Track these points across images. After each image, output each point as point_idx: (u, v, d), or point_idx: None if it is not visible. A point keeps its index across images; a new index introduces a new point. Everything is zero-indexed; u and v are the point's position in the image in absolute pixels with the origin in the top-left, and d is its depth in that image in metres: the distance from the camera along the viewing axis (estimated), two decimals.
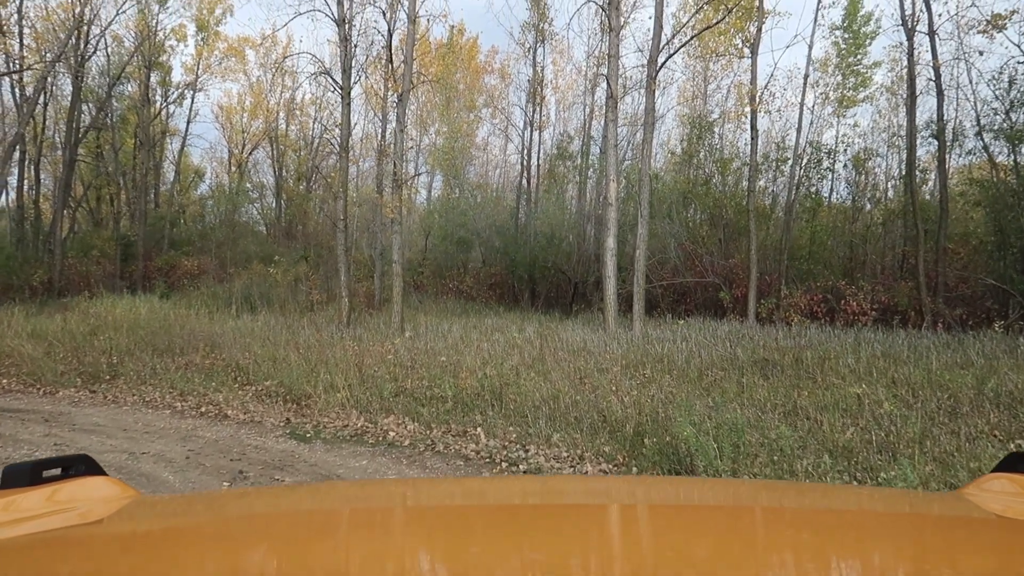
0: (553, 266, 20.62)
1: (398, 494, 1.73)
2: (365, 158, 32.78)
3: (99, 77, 28.25)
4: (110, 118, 28.61)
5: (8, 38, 20.73)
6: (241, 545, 1.14)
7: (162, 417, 6.96)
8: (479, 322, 14.66)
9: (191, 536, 1.22)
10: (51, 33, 22.06)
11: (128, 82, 30.02)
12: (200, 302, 17.29)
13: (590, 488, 1.93)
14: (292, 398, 7.47)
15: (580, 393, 7.40)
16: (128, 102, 30.57)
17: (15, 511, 1.21)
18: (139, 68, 28.82)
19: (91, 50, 24.41)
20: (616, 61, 12.86)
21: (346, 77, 12.63)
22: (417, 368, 8.82)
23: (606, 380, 8.10)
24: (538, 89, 22.19)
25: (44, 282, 22.51)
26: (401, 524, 1.35)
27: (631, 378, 8.30)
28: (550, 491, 1.74)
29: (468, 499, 1.63)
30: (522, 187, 24.13)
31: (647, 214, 12.95)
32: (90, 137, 28.97)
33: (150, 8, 28.24)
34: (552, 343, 10.90)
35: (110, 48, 28.93)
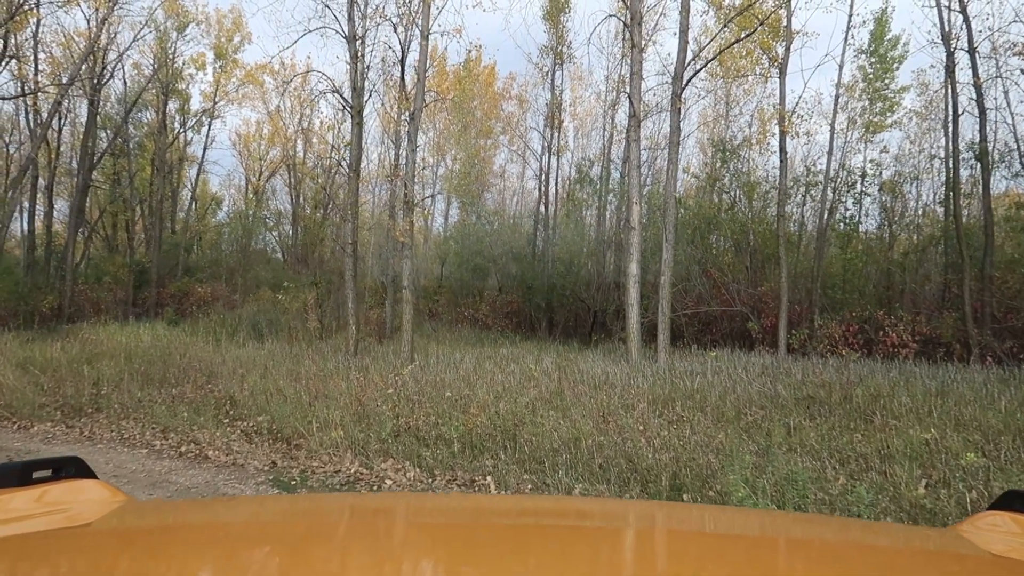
0: (572, 294, 19.87)
1: (393, 507, 1.76)
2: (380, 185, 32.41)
3: (116, 104, 28.22)
4: (126, 144, 28.46)
5: (23, 63, 20.56)
6: (231, 552, 1.14)
7: (136, 458, 6.24)
8: (494, 352, 13.91)
9: (181, 541, 1.20)
10: (68, 58, 21.91)
11: (146, 109, 29.98)
12: (207, 330, 16.71)
13: (589, 509, 1.91)
14: (282, 437, 6.73)
15: (604, 434, 6.61)
16: (146, 129, 30.49)
17: (4, 511, 1.21)
18: (157, 95, 28.74)
19: (107, 75, 24.26)
20: (639, 79, 12.23)
21: (356, 96, 12.10)
22: (423, 403, 8.07)
23: (632, 418, 7.31)
24: (556, 113, 21.64)
25: (54, 308, 22.09)
26: (393, 535, 1.33)
27: (660, 416, 7.50)
28: (548, 511, 1.74)
29: (462, 516, 1.60)
30: (540, 213, 23.50)
31: (672, 239, 12.20)
32: (106, 163, 28.83)
33: (168, 35, 28.21)
34: (571, 375, 10.13)
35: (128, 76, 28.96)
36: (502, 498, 3.86)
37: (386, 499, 2.68)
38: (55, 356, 10.97)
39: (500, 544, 1.23)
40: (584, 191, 21.78)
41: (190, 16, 28.61)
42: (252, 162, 40.78)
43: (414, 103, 11.68)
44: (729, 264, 17.52)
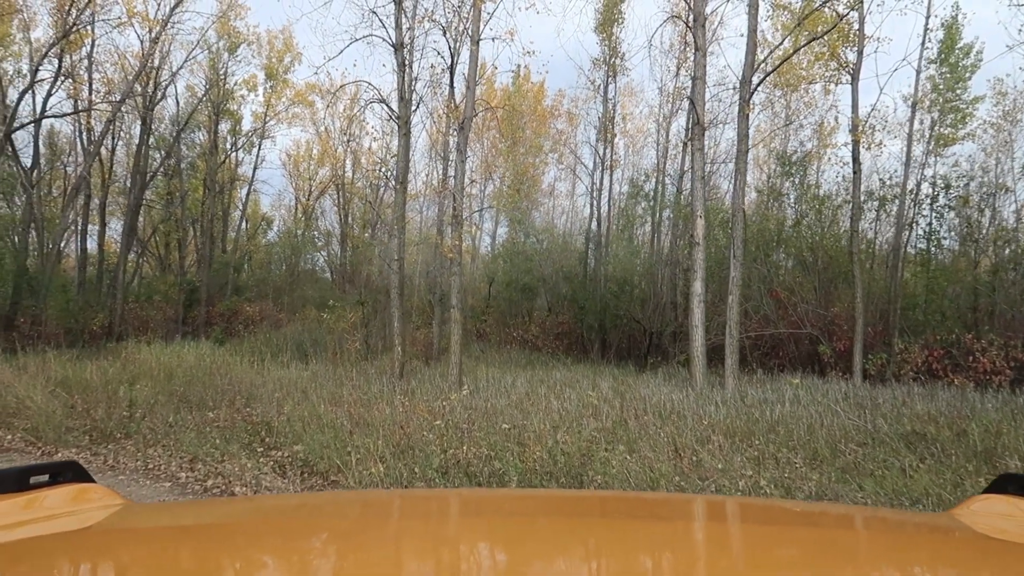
0: (626, 314, 18.97)
1: (393, 503, 1.76)
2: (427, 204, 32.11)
3: (170, 125, 28.54)
4: (178, 164, 28.73)
5: (79, 83, 20.80)
6: (230, 553, 1.14)
7: (158, 492, 5.65)
8: (546, 375, 13.14)
9: (180, 543, 1.21)
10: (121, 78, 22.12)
11: (199, 130, 30.29)
12: (252, 349, 16.34)
13: (596, 501, 1.98)
14: (318, 470, 6.07)
15: (681, 474, 5.79)
16: (198, 149, 30.80)
17: (2, 517, 1.20)
18: (208, 115, 29.01)
19: (160, 95, 24.49)
20: (703, 84, 11.43)
21: (404, 106, 11.58)
22: (474, 433, 7.35)
23: (708, 453, 6.45)
24: (609, 126, 20.90)
25: (104, 326, 22.14)
26: (395, 531, 1.33)
27: (739, 451, 6.62)
28: (553, 505, 1.74)
29: (464, 510, 1.61)
30: (591, 231, 22.70)
31: (740, 255, 11.29)
32: (159, 183, 29.14)
33: (220, 56, 28.48)
34: (633, 402, 9.29)
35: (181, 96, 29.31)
36: (505, 491, 3.79)
37: (386, 496, 2.63)
38: (94, 376, 10.58)
39: (504, 536, 1.24)
40: (638, 207, 20.93)
41: (241, 37, 28.85)
42: (301, 182, 41.06)
43: (464, 112, 11.09)
44: (796, 283, 16.43)
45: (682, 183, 20.56)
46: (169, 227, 30.56)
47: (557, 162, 34.09)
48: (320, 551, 1.15)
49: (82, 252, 23.97)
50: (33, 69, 17.79)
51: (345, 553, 1.15)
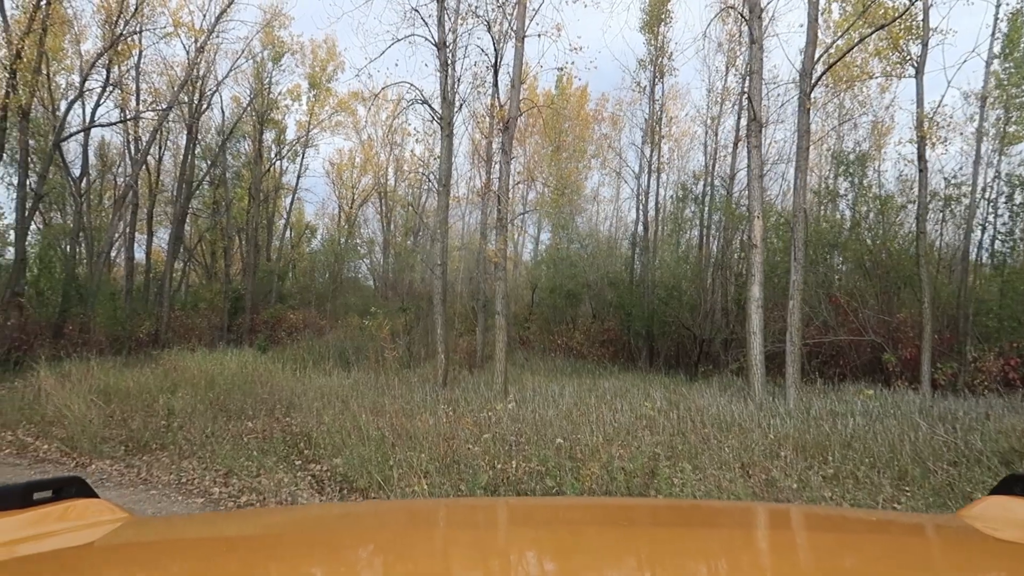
0: (675, 321, 18.33)
1: (399, 514, 1.73)
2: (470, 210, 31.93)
3: (216, 135, 28.86)
4: (223, 173, 29.01)
5: (126, 94, 21.06)
6: (234, 566, 1.13)
7: (189, 508, 5.33)
8: (594, 384, 12.65)
9: (184, 557, 1.20)
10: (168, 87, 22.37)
11: (244, 140, 30.58)
12: (295, 357, 16.19)
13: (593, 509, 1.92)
14: (358, 487, 5.69)
15: (751, 494, 5.26)
16: (243, 159, 31.09)
17: (6, 533, 1.19)
18: (253, 125, 29.26)
19: (205, 104, 24.72)
20: (759, 78, 10.86)
21: (447, 106, 11.25)
22: (523, 446, 6.91)
23: (780, 471, 5.90)
24: (656, 128, 20.30)
25: (151, 334, 22.32)
26: (399, 542, 1.31)
27: (813, 469, 6.05)
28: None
29: (466, 520, 1.59)
30: (637, 235, 22.10)
31: (802, 257, 10.66)
32: (206, 192, 29.46)
33: (264, 65, 28.71)
34: (688, 413, 8.75)
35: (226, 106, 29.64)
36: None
37: (390, 506, 2.60)
38: (134, 384, 10.45)
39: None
40: (687, 210, 20.28)
41: (285, 46, 29.02)
42: (345, 190, 41.29)
43: (508, 112, 10.71)
44: (855, 288, 15.63)
45: (732, 185, 19.87)
46: (215, 235, 30.87)
47: (601, 167, 33.59)
48: (326, 562, 1.14)
49: (129, 260, 24.26)
50: (81, 79, 18.00)
51: (351, 564, 1.14)
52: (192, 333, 23.35)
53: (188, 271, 32.22)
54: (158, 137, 22.92)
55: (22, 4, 15.59)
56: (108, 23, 18.62)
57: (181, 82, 20.62)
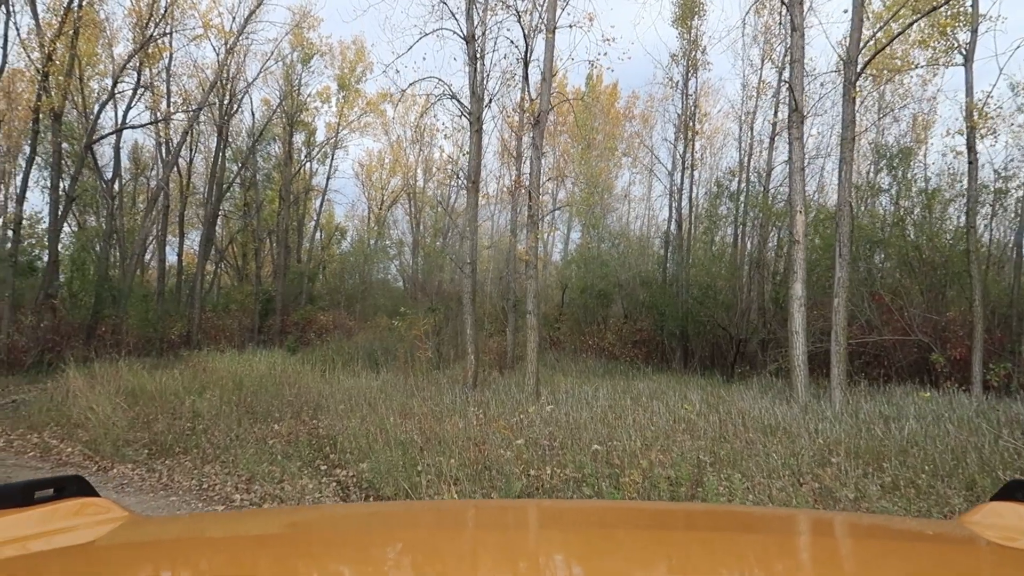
0: (709, 321, 17.84)
1: (398, 516, 1.73)
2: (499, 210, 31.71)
3: (246, 137, 29.01)
4: (254, 175, 29.13)
5: (157, 96, 21.17)
6: (234, 566, 1.14)
7: None
8: (627, 385, 12.29)
9: (185, 556, 1.20)
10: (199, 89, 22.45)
11: (274, 142, 30.70)
12: (324, 358, 16.05)
13: (593, 511, 1.92)
14: (384, 494, 5.42)
15: (806, 504, 4.89)
16: (273, 161, 31.22)
17: (7, 533, 1.19)
18: (283, 127, 29.35)
19: (236, 106, 24.79)
20: (800, 67, 10.41)
21: (476, 101, 10.98)
22: (557, 451, 6.60)
23: (834, 479, 5.51)
24: (689, 124, 19.82)
25: (182, 335, 22.41)
26: (398, 544, 1.30)
27: (866, 476, 5.64)
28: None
29: (463, 522, 1.58)
30: (670, 233, 21.63)
31: (847, 253, 10.18)
32: (236, 194, 29.61)
33: (294, 67, 28.77)
34: (729, 417, 8.36)
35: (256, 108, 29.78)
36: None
37: (389, 508, 2.57)
38: (162, 385, 10.33)
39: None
40: (722, 207, 19.76)
41: (314, 48, 29.05)
42: (374, 191, 41.35)
43: (539, 106, 10.40)
44: (900, 286, 15.03)
45: (768, 181, 19.33)
46: (246, 237, 31.04)
47: (631, 165, 33.15)
48: (327, 564, 1.14)
49: (161, 262, 24.42)
50: (112, 82, 18.09)
51: (352, 566, 1.14)
52: (223, 334, 23.41)
53: (219, 273, 32.43)
54: (188, 139, 23.06)
55: (52, 6, 15.71)
56: (139, 26, 18.72)
57: (211, 84, 20.68)
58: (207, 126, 25.88)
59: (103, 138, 20.43)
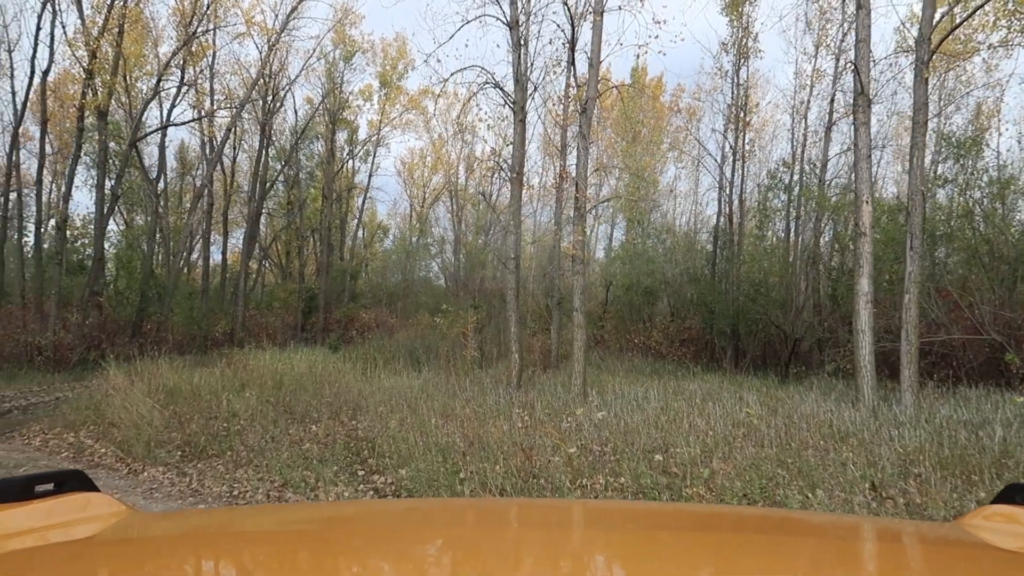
0: (762, 319, 17.11)
1: (397, 513, 1.73)
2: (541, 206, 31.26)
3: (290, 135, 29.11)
4: (297, 174, 29.22)
5: (201, 94, 21.26)
6: (234, 562, 1.15)
7: None
8: (677, 386, 11.72)
9: (185, 552, 1.21)
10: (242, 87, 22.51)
11: (317, 140, 30.78)
12: (365, 356, 15.81)
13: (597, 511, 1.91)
14: None
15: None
16: (316, 159, 31.31)
17: (6, 526, 1.20)
18: (325, 125, 29.39)
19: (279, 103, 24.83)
20: (866, 47, 9.73)
21: (519, 89, 10.55)
22: (608, 457, 6.14)
23: (923, 494, 4.93)
24: (741, 114, 19.06)
25: (226, 333, 22.51)
26: (397, 541, 1.28)
27: (957, 490, 5.05)
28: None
29: (464, 520, 1.58)
30: (720, 228, 20.89)
31: (919, 246, 9.48)
32: (279, 192, 29.76)
33: (336, 65, 28.74)
34: (791, 421, 7.78)
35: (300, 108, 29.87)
36: (505, 501, 3.70)
37: (390, 505, 2.56)
38: (202, 383, 10.14)
39: (505, 548, 1.23)
40: (775, 200, 18.96)
41: (356, 45, 29.00)
42: (416, 189, 41.31)
43: (586, 93, 9.92)
44: (970, 282, 14.12)
45: (824, 172, 18.48)
46: (289, 235, 31.19)
47: (676, 160, 32.41)
48: (325, 560, 1.11)
49: (205, 260, 24.57)
50: (156, 79, 18.15)
51: (352, 562, 1.12)
52: (266, 332, 23.47)
53: (263, 271, 32.66)
54: (232, 137, 23.12)
55: (97, 4, 15.76)
56: (183, 24, 18.76)
57: (253, 81, 20.65)
58: (251, 125, 26.03)
59: (147, 135, 20.60)
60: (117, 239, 23.57)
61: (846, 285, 15.22)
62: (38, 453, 7.17)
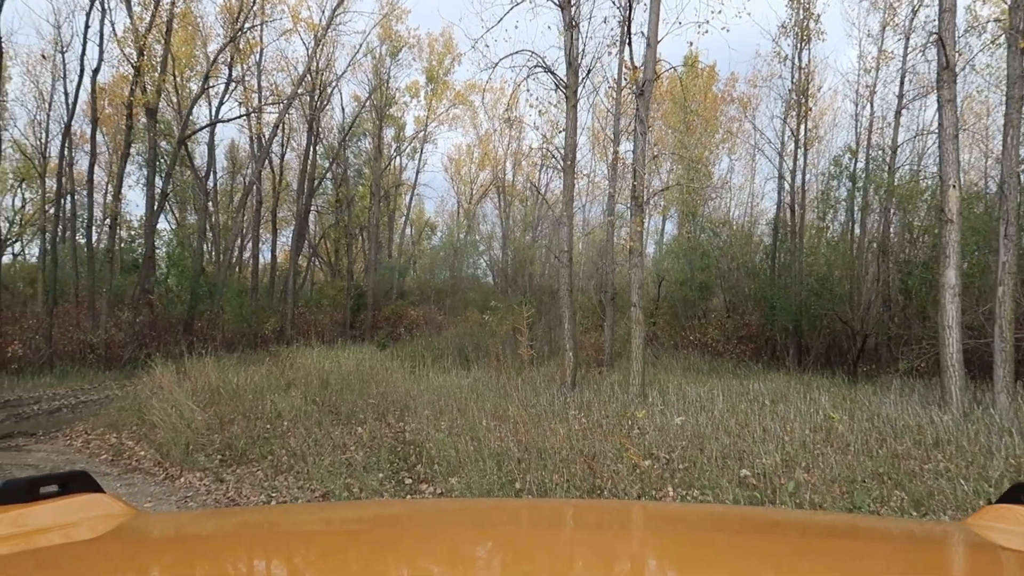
0: (827, 314, 16.21)
1: (403, 514, 1.72)
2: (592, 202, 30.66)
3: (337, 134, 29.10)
4: (344, 170, 29.21)
5: (249, 91, 21.27)
6: (239, 563, 1.14)
7: None
8: (739, 385, 11.03)
9: (190, 553, 1.20)
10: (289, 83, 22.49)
11: (364, 138, 30.74)
12: (413, 354, 15.50)
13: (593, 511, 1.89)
14: None
15: None
16: (364, 156, 31.30)
17: (11, 527, 1.19)
18: (372, 121, 29.31)
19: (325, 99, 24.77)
20: (952, 16, 8.92)
21: (571, 73, 10.01)
22: (675, 465, 5.59)
23: None
24: (803, 100, 18.12)
25: (276, 331, 22.52)
26: (402, 543, 1.28)
27: None
28: (553, 515, 1.70)
29: (472, 521, 1.57)
30: (780, 219, 19.98)
31: (1014, 233, 8.63)
32: (327, 189, 29.80)
33: (383, 61, 28.60)
34: (873, 425, 7.10)
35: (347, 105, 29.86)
36: (505, 501, 3.58)
37: (397, 506, 2.49)
38: (248, 382, 9.89)
39: (503, 549, 1.22)
40: (840, 189, 18.00)
41: (402, 41, 28.81)
42: (463, 186, 41.08)
43: (643, 74, 9.33)
44: None
45: (894, 159, 17.44)
46: (338, 233, 31.24)
47: (730, 152, 31.50)
48: (332, 561, 1.12)
49: (255, 257, 24.66)
50: (204, 76, 18.14)
51: (358, 563, 1.10)
52: (315, 329, 23.42)
53: (312, 268, 32.80)
54: (280, 135, 23.12)
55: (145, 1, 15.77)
56: (229, 22, 18.74)
57: (300, 76, 20.55)
58: (299, 123, 26.06)
59: (196, 132, 20.67)
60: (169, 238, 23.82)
61: (920, 277, 14.28)
62: (78, 455, 6.95)
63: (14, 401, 11.50)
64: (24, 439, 7.91)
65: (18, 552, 1.08)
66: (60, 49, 18.04)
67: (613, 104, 14.14)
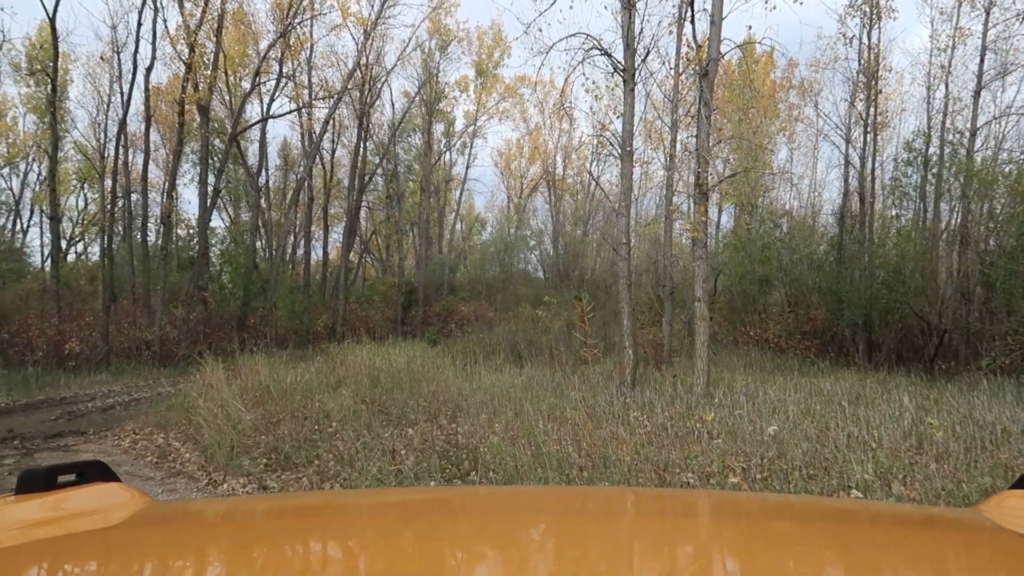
0: (900, 308, 15.27)
1: (413, 502, 1.72)
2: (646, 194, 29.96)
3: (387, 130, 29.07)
4: (394, 166, 29.15)
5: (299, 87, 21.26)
6: (254, 551, 1.13)
7: None
8: (809, 384, 10.36)
9: (204, 542, 1.20)
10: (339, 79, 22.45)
11: (414, 133, 30.66)
12: (464, 351, 15.18)
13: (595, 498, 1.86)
14: None
15: None
16: (414, 152, 31.24)
17: (31, 516, 1.22)
18: (422, 117, 29.19)
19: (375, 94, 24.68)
20: None
21: (629, 55, 9.50)
22: (752, 473, 5.07)
23: None
24: (872, 83, 17.12)
25: (327, 327, 22.52)
26: (423, 530, 1.27)
27: None
28: (554, 502, 1.68)
29: (483, 509, 1.58)
30: (848, 208, 19.01)
31: None
32: (378, 185, 29.80)
33: (432, 55, 28.41)
34: (967, 430, 6.44)
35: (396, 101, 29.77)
36: (505, 489, 3.48)
37: (414, 493, 2.42)
38: (297, 380, 9.67)
39: (505, 536, 1.21)
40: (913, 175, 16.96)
41: (451, 34, 28.57)
42: (513, 180, 40.75)
43: (708, 54, 8.75)
44: None
45: (973, 143, 16.36)
46: (388, 229, 31.26)
47: (788, 140, 30.43)
48: (348, 548, 1.12)
49: (306, 253, 24.74)
50: (255, 73, 18.14)
51: (375, 550, 1.10)
52: (366, 326, 23.37)
53: (364, 264, 32.90)
54: (331, 129, 23.11)
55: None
56: (280, 19, 18.72)
57: (350, 71, 20.44)
58: (349, 120, 26.05)
59: (248, 128, 20.76)
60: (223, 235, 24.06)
61: (1005, 268, 13.31)
62: (124, 456, 6.78)
63: (70, 398, 11.58)
64: (74, 438, 7.82)
65: (36, 540, 1.10)
66: (116, 50, 18.31)
67: (670, 92, 13.52)
